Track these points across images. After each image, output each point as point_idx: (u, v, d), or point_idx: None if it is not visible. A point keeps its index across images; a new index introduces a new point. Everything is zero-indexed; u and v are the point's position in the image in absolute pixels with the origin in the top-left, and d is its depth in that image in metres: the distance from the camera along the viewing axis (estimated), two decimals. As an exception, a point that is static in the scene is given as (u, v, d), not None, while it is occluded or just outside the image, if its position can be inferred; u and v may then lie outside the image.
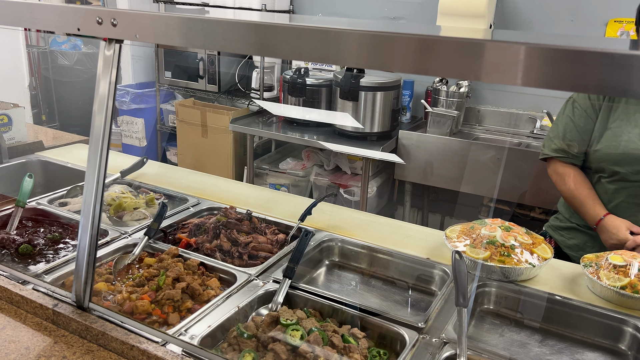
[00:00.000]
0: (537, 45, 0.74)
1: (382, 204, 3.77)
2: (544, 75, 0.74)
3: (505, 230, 1.51)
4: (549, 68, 0.73)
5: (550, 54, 0.73)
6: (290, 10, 4.16)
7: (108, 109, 1.15)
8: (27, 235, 1.60)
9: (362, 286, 1.53)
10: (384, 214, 2.27)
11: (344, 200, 3.54)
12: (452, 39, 0.80)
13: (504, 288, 1.42)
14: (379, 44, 0.85)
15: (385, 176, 3.69)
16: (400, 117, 3.62)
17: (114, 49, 1.13)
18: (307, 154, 3.90)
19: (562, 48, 0.72)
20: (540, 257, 1.45)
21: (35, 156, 2.22)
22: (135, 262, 1.47)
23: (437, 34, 0.83)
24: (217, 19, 1.00)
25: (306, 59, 0.96)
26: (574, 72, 0.72)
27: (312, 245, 1.57)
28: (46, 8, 1.22)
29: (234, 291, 1.33)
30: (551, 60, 0.73)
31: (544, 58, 0.73)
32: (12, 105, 2.35)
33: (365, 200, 3.30)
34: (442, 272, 1.49)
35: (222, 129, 4.00)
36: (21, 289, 1.23)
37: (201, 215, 1.81)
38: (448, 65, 0.81)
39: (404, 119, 3.67)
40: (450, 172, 3.25)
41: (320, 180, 3.71)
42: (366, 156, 3.26)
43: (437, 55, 0.80)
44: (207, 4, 4.12)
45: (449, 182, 3.29)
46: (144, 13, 1.05)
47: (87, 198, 1.17)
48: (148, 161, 2.16)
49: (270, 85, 4.07)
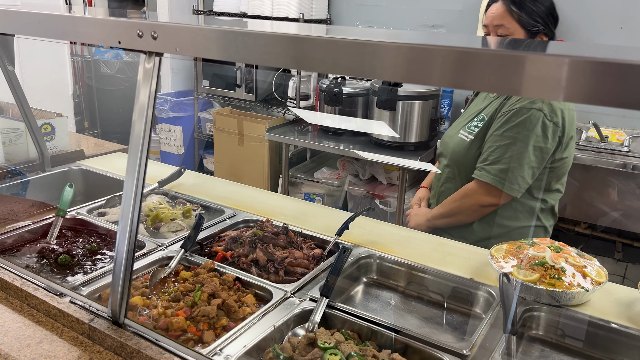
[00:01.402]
0: (582, 58, 0.68)
1: (419, 216, 3.68)
2: (589, 90, 0.68)
3: (555, 250, 1.43)
4: (594, 83, 0.67)
5: (595, 68, 0.66)
6: (327, 19, 4.14)
7: (147, 121, 1.14)
8: (66, 245, 1.61)
9: (402, 306, 1.47)
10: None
11: (379, 211, 3.48)
12: (492, 52, 0.75)
13: (555, 313, 1.34)
14: (416, 57, 0.81)
15: (422, 187, 3.61)
16: (439, 127, 3.55)
17: (153, 62, 1.12)
18: (342, 164, 3.86)
19: (609, 61, 0.66)
20: (594, 281, 1.37)
21: (76, 165, 2.25)
22: (171, 275, 1.46)
23: (476, 46, 0.78)
24: (257, 32, 0.97)
25: (343, 73, 0.93)
26: (622, 87, 0.65)
27: (349, 262, 1.52)
28: (89, 21, 1.22)
29: (269, 309, 1.30)
30: (596, 74, 0.67)
31: (588, 72, 0.67)
32: (56, 115, 2.40)
33: (402, 211, 3.23)
34: (487, 294, 1.42)
35: (258, 138, 4.00)
36: (59, 302, 1.23)
37: (237, 227, 1.79)
38: (487, 80, 0.76)
39: (443, 128, 3.58)
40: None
41: (355, 190, 3.67)
42: (403, 166, 3.19)
43: (476, 69, 0.75)
44: (245, 14, 4.15)
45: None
46: (184, 26, 1.04)
47: (125, 210, 1.16)
48: (185, 171, 2.16)
49: (306, 94, 4.06)
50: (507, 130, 1.75)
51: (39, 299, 1.24)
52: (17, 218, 1.85)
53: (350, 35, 0.90)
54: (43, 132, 2.24)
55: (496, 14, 1.79)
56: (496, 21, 1.79)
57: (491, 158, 1.78)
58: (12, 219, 1.83)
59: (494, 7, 1.81)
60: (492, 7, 1.82)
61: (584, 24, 3.25)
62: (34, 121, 2.08)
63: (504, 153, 1.75)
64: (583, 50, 0.74)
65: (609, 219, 2.94)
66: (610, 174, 2.85)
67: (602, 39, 3.23)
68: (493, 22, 1.80)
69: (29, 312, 1.26)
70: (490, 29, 1.82)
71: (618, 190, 2.86)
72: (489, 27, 1.83)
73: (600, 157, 3.11)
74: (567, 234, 3.22)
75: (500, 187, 1.76)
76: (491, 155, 1.78)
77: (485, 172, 1.78)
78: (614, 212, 2.91)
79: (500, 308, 1.25)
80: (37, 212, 1.92)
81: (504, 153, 1.75)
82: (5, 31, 1.52)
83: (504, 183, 1.76)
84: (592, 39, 3.26)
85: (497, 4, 1.81)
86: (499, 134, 1.77)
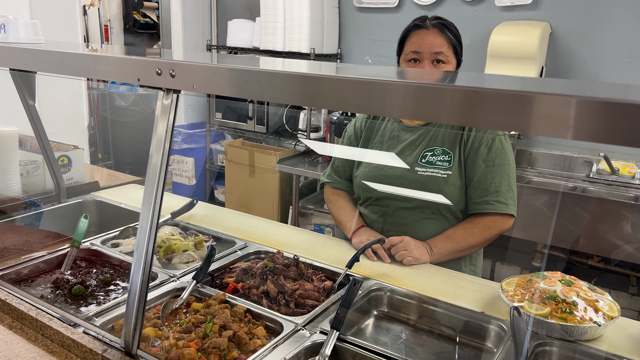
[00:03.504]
0: (589, 98, 0.70)
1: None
2: (597, 129, 0.70)
3: (567, 284, 1.42)
4: (601, 122, 0.69)
5: (602, 107, 0.68)
6: (338, 54, 4.23)
7: (164, 154, 1.18)
8: (80, 275, 1.64)
9: (413, 339, 1.47)
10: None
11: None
12: (498, 92, 0.77)
13: (567, 348, 1.32)
14: (424, 95, 0.84)
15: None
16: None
17: (171, 99, 1.16)
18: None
19: (615, 101, 0.68)
20: (606, 316, 1.36)
21: (91, 196, 2.30)
22: (182, 306, 1.47)
23: (483, 86, 0.80)
24: (271, 71, 1.01)
25: (353, 110, 0.96)
26: (630, 125, 0.67)
27: (360, 295, 1.53)
28: (109, 60, 1.28)
29: (280, 341, 1.30)
30: (604, 114, 0.68)
31: (596, 111, 0.69)
32: (72, 147, 2.46)
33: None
34: (498, 328, 1.41)
35: (269, 169, 4.05)
36: (73, 332, 1.24)
37: (248, 258, 1.80)
38: (495, 118, 0.78)
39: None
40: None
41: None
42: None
43: (484, 107, 0.78)
44: (257, 49, 4.25)
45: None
46: (201, 65, 1.08)
47: (140, 241, 1.18)
48: (197, 202, 2.20)
49: (317, 126, 4.12)
50: (494, 158, 1.82)
51: (54, 329, 1.26)
52: (32, 249, 1.88)
53: (359, 74, 0.94)
54: (60, 164, 2.29)
55: (435, 42, 1.79)
56: (436, 48, 1.79)
57: (494, 189, 1.81)
58: (28, 250, 1.86)
59: (430, 34, 1.80)
60: (427, 35, 1.80)
61: (591, 58, 3.29)
62: (52, 153, 2.14)
63: (500, 180, 1.82)
64: (590, 90, 0.76)
65: (623, 253, 2.91)
66: (622, 206, 2.84)
67: (610, 73, 3.26)
68: (432, 50, 1.78)
69: (43, 343, 1.27)
70: (424, 55, 1.79)
71: (632, 223, 2.85)
72: (422, 53, 1.79)
73: (612, 190, 3.11)
74: (580, 268, 3.18)
75: (514, 212, 1.83)
76: (492, 187, 1.81)
77: (500, 203, 1.81)
78: (627, 246, 2.88)
79: (512, 342, 1.24)
80: (52, 243, 1.95)
81: (501, 180, 1.82)
82: (29, 69, 1.58)
83: (515, 208, 1.84)
84: (599, 73, 3.30)
85: (433, 32, 1.80)
86: (490, 164, 1.81)
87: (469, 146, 1.83)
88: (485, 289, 1.62)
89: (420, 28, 1.83)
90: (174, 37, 4.83)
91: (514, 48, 3.21)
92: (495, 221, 1.83)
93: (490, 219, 1.83)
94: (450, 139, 1.86)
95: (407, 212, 1.90)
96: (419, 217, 1.89)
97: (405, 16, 3.86)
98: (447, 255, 1.84)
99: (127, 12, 5.83)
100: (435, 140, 1.87)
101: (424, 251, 1.80)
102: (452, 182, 1.83)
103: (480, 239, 1.83)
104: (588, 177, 3.28)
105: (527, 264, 3.45)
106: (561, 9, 3.33)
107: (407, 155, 1.89)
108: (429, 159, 1.86)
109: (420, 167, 1.85)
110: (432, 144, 1.87)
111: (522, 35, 3.22)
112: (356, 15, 4.14)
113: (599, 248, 2.99)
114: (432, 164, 1.85)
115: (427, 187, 1.84)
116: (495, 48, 3.26)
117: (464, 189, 1.85)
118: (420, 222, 1.88)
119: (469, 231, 1.84)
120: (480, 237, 1.83)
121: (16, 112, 2.02)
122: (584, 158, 3.35)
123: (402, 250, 1.78)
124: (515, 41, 3.22)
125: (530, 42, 3.16)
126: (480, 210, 1.83)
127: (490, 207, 1.81)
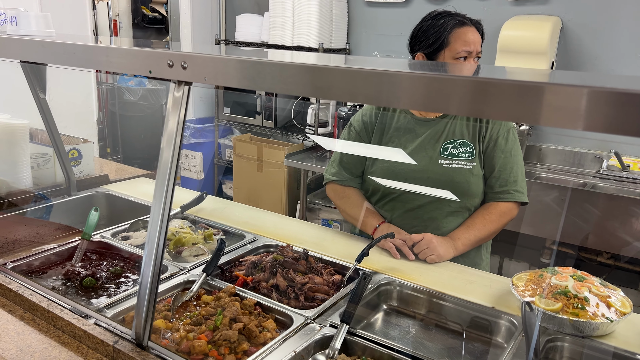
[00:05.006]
0: (599, 88, 0.69)
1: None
2: (608, 119, 0.69)
3: (578, 280, 1.41)
4: (612, 112, 0.68)
5: (613, 98, 0.68)
6: (346, 48, 4.22)
7: (175, 148, 1.18)
8: (91, 268, 1.65)
9: (422, 334, 1.46)
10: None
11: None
12: (508, 82, 0.77)
13: (578, 343, 1.32)
14: (433, 87, 0.83)
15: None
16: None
17: (183, 91, 1.16)
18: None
19: (626, 91, 0.67)
20: (619, 311, 1.35)
21: (101, 189, 2.30)
22: (192, 299, 1.48)
23: (493, 77, 0.80)
24: (283, 63, 1.01)
25: (363, 101, 0.95)
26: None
27: (369, 289, 1.52)
28: (120, 52, 1.28)
29: (290, 334, 1.30)
30: (615, 104, 0.68)
31: (607, 102, 0.69)
32: (82, 141, 2.47)
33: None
34: (509, 323, 1.40)
35: (277, 164, 4.05)
36: (84, 324, 1.25)
37: (258, 252, 1.80)
38: (504, 109, 0.78)
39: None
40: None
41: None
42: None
43: (493, 98, 0.77)
44: (266, 43, 4.25)
45: (509, 223, 3.16)
46: (213, 57, 1.08)
47: (152, 234, 1.18)
48: (207, 196, 2.20)
49: (325, 121, 4.11)
50: (511, 148, 1.87)
51: (65, 320, 1.27)
52: (43, 241, 1.89)
53: (370, 65, 0.93)
54: (70, 158, 2.30)
55: (478, 40, 1.82)
56: (479, 47, 1.82)
57: (512, 178, 1.87)
58: (39, 242, 1.87)
59: (474, 32, 1.80)
60: (474, 33, 1.80)
61: (602, 53, 3.26)
62: (62, 147, 2.15)
63: (517, 170, 1.88)
64: (601, 81, 0.75)
65: (633, 250, 2.89)
66: (633, 203, 2.82)
67: (621, 68, 3.23)
68: (478, 48, 1.81)
69: (54, 334, 1.28)
70: (472, 54, 1.79)
71: (642, 220, 2.82)
72: (472, 53, 1.79)
73: (623, 186, 3.08)
74: (589, 264, 3.16)
75: (528, 200, 1.90)
76: (511, 177, 1.87)
77: (519, 192, 1.88)
78: (637, 243, 2.86)
79: (523, 337, 1.24)
80: (63, 235, 1.96)
81: (518, 170, 1.88)
82: (40, 61, 1.59)
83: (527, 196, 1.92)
84: (610, 68, 3.27)
85: (473, 30, 1.80)
86: (508, 154, 1.87)
87: (487, 138, 1.86)
88: (495, 284, 1.61)
89: (464, 25, 1.80)
90: (182, 31, 4.83)
91: (524, 43, 3.18)
92: (510, 208, 1.89)
93: (506, 206, 1.88)
94: (468, 131, 1.87)
95: (434, 206, 1.88)
96: (446, 210, 1.88)
97: (414, 11, 3.84)
98: (472, 244, 1.85)
99: (136, 7, 5.84)
100: (454, 133, 1.88)
101: (447, 247, 1.77)
102: (476, 172, 1.86)
103: (498, 225, 1.87)
104: (598, 173, 3.24)
105: (535, 260, 3.43)
106: (572, 3, 3.29)
107: (429, 149, 1.87)
108: (451, 151, 1.86)
109: (445, 159, 1.85)
110: (450, 137, 1.88)
111: (532, 30, 3.19)
112: (365, 10, 4.12)
113: (608, 245, 2.97)
114: (455, 156, 1.86)
115: (454, 179, 1.84)
116: (505, 43, 3.23)
117: (484, 179, 1.89)
118: (446, 216, 1.89)
119: (487, 217, 1.87)
120: (498, 223, 1.87)
121: (27, 105, 2.03)
122: (594, 154, 3.33)
123: (425, 248, 1.75)
124: (526, 36, 3.19)
125: (540, 37, 3.13)
126: (500, 199, 1.87)
127: (510, 196, 1.87)
